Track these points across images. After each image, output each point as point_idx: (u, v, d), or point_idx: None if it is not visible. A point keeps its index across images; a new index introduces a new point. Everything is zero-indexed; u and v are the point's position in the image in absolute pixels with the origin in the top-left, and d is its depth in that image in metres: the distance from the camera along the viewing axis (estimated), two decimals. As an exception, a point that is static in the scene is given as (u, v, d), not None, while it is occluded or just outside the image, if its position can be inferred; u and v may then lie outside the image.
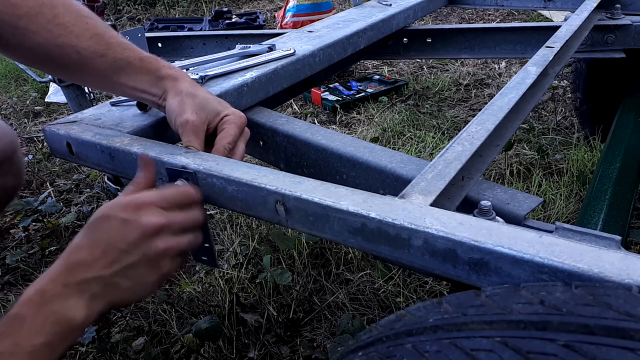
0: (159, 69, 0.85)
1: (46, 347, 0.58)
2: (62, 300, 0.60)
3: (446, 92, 2.86)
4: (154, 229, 0.66)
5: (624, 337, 0.39)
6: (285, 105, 2.88)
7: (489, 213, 0.63)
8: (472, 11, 4.23)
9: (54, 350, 0.58)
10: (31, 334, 0.57)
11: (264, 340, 1.36)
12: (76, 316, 0.60)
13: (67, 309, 0.60)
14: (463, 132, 0.79)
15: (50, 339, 0.58)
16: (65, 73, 0.90)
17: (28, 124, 2.87)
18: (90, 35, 0.81)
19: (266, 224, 1.79)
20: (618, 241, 0.54)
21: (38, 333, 0.58)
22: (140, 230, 0.65)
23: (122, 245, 0.64)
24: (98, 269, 0.63)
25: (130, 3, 5.35)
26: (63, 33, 0.79)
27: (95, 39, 0.81)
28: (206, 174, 0.73)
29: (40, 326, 0.58)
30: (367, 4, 1.66)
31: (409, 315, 0.53)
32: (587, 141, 2.11)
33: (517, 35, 1.51)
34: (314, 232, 0.66)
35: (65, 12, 0.80)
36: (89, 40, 0.81)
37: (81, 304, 0.61)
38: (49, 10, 0.79)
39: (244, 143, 0.85)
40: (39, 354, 0.57)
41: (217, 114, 0.84)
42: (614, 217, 1.21)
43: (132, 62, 0.84)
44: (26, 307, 0.59)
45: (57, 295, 0.60)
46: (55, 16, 0.79)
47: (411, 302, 1.43)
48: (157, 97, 0.86)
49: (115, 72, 0.83)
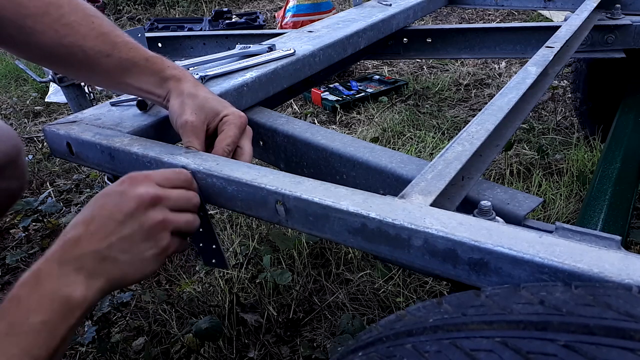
0: (164, 70, 0.85)
1: (44, 326, 0.55)
2: (57, 277, 0.58)
3: (446, 92, 2.86)
4: (151, 199, 0.65)
5: (624, 337, 0.39)
6: (285, 105, 2.88)
7: (489, 213, 0.63)
8: (472, 11, 4.23)
9: (55, 330, 0.56)
10: (27, 313, 0.55)
11: (264, 340, 1.36)
12: (74, 293, 0.58)
13: (64, 285, 0.58)
14: (463, 132, 0.79)
15: (48, 317, 0.56)
16: (72, 72, 0.91)
17: (28, 124, 2.87)
18: (97, 34, 0.81)
19: (266, 224, 1.79)
20: (618, 241, 0.54)
21: (34, 311, 0.55)
22: (136, 200, 0.64)
23: (117, 216, 0.63)
24: (94, 243, 0.61)
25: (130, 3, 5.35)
26: (69, 33, 0.80)
27: (101, 39, 0.82)
28: (206, 174, 0.73)
29: (36, 304, 0.56)
30: (367, 4, 1.66)
31: (409, 315, 0.53)
32: (587, 141, 2.11)
33: (517, 35, 1.51)
34: (314, 232, 0.66)
35: (71, 11, 0.80)
36: (95, 40, 0.81)
37: (79, 280, 0.59)
38: (55, 9, 0.79)
39: (249, 142, 0.85)
40: (36, 334, 0.55)
41: (217, 114, 0.84)
42: (614, 217, 1.21)
43: (137, 63, 0.84)
44: (21, 289, 0.57)
45: (52, 273, 0.59)
46: (62, 16, 0.79)
47: (411, 302, 1.43)
48: (161, 98, 0.86)
49: (121, 72, 0.84)
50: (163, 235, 0.67)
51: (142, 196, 0.65)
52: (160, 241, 0.66)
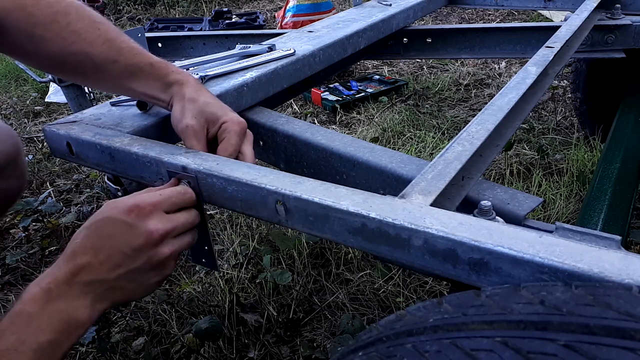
0: (168, 75, 0.87)
1: (51, 345, 0.59)
2: (68, 299, 0.61)
3: (446, 92, 2.86)
4: (160, 236, 0.67)
5: (624, 337, 0.39)
6: (285, 105, 2.88)
7: (489, 213, 0.63)
8: (472, 11, 4.23)
9: (59, 348, 0.60)
10: (37, 332, 0.58)
11: (264, 340, 1.36)
12: (81, 315, 0.62)
13: (72, 308, 0.61)
14: (463, 132, 0.79)
15: (55, 337, 0.59)
16: (80, 79, 0.95)
17: (28, 124, 2.87)
18: (103, 41, 0.83)
19: (266, 224, 1.79)
20: (618, 241, 0.54)
21: (44, 331, 0.58)
22: (146, 237, 0.66)
23: (127, 250, 0.65)
24: (103, 272, 0.64)
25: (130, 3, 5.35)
26: (76, 40, 0.81)
27: (107, 45, 0.83)
28: (206, 174, 0.73)
29: (46, 324, 0.59)
30: (367, 4, 1.66)
31: (409, 315, 0.53)
32: (587, 141, 2.11)
33: (517, 35, 1.51)
34: (314, 232, 0.66)
35: (78, 18, 0.82)
36: (101, 46, 0.83)
37: (86, 304, 0.62)
38: (62, 17, 0.81)
39: (251, 146, 0.86)
40: (44, 352, 0.58)
41: (217, 118, 0.84)
42: (614, 217, 1.21)
43: (142, 68, 0.86)
44: (31, 305, 0.60)
45: (63, 294, 0.61)
46: (69, 23, 0.81)
47: (411, 302, 1.43)
48: (165, 103, 0.88)
49: (127, 77, 0.86)
50: (169, 265, 0.69)
51: (152, 233, 0.66)
52: (166, 270, 0.70)
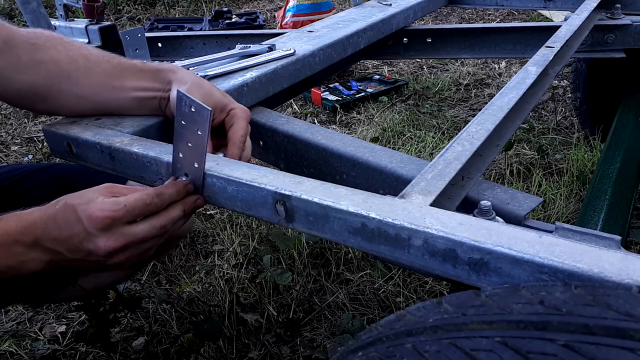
0: (158, 66, 0.90)
1: None
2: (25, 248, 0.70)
3: (446, 92, 2.86)
4: (107, 252, 0.69)
5: (624, 337, 0.39)
6: (285, 105, 2.88)
7: (489, 213, 0.63)
8: (472, 11, 4.23)
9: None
10: None
11: (264, 340, 1.36)
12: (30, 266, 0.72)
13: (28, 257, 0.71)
14: (463, 132, 0.79)
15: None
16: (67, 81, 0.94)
17: (28, 124, 2.87)
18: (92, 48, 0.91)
19: (266, 224, 1.79)
20: (618, 241, 0.54)
21: None
22: (93, 248, 0.69)
23: (74, 245, 0.69)
24: (62, 249, 0.70)
25: (130, 3, 5.35)
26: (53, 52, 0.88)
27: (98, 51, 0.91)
28: (206, 174, 0.73)
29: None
30: (367, 4, 1.66)
31: (409, 315, 0.53)
32: (587, 141, 2.11)
33: (517, 35, 1.51)
34: (314, 232, 0.66)
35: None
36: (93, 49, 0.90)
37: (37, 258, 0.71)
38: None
39: (249, 138, 0.88)
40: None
41: (224, 106, 0.86)
42: (614, 217, 1.21)
43: (134, 64, 0.90)
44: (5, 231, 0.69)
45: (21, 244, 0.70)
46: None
47: (411, 302, 1.43)
48: (160, 90, 0.88)
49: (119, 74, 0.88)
50: (120, 267, 0.73)
51: (98, 249, 0.69)
52: (119, 269, 0.77)
